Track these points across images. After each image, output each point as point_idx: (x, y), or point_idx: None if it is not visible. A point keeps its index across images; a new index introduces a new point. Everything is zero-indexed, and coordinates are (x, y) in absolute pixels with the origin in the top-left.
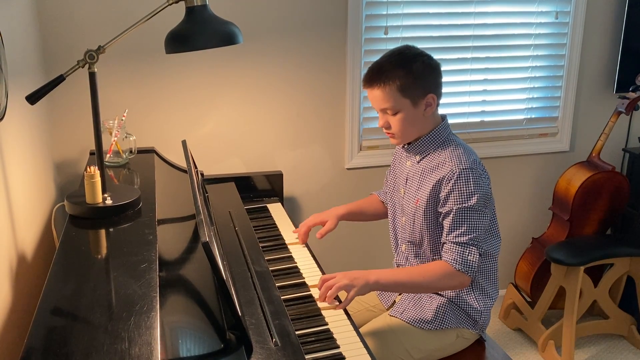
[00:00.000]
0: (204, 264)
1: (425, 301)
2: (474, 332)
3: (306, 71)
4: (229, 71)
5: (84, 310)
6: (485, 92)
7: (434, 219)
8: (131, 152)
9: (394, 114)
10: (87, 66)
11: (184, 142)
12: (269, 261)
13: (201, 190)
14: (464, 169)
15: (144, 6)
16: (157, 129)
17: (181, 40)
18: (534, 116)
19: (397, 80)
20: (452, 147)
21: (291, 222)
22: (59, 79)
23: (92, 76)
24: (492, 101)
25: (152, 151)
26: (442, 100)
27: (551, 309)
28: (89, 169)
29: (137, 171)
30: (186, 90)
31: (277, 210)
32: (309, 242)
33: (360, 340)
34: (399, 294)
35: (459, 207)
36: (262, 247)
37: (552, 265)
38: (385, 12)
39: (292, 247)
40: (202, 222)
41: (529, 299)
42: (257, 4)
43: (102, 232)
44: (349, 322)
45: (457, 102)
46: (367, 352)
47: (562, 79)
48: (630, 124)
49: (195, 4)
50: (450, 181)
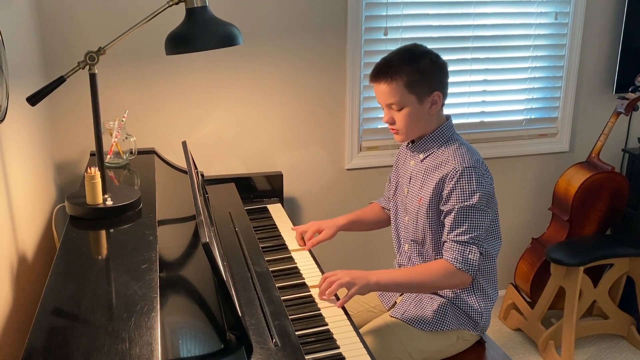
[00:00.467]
0: (204, 264)
1: (426, 302)
2: (475, 333)
3: (306, 72)
4: (229, 72)
5: (84, 310)
6: (485, 92)
7: (437, 217)
8: (131, 153)
9: (399, 110)
10: (87, 67)
11: (184, 143)
12: (269, 262)
13: (201, 190)
14: (466, 167)
15: (144, 7)
16: (157, 129)
17: (181, 41)
18: (533, 117)
19: (405, 75)
20: (455, 146)
21: (291, 223)
22: (60, 80)
23: (93, 77)
24: (491, 102)
25: (152, 152)
26: None
27: (551, 309)
28: (89, 169)
29: (138, 172)
30: (186, 91)
31: (277, 210)
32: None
33: (360, 340)
34: (400, 295)
35: (460, 205)
36: (262, 247)
37: (552, 265)
38: (385, 13)
39: (292, 247)
40: (203, 222)
41: (529, 299)
42: (257, 5)
43: (103, 232)
44: (348, 322)
45: (457, 103)
46: (367, 353)
47: (561, 79)
48: (629, 124)
49: (195, 5)
50: (452, 179)
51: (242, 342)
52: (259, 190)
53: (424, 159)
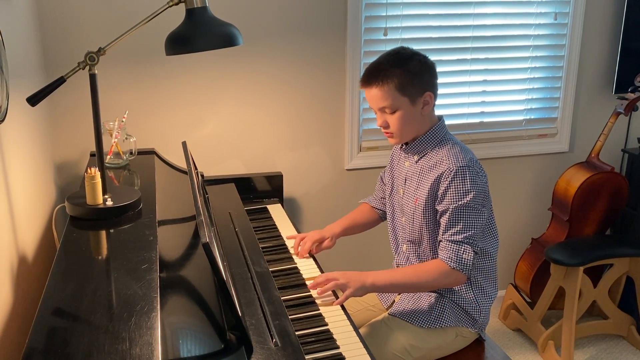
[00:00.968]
0: (205, 264)
1: (424, 300)
2: (473, 331)
3: (306, 72)
4: (229, 73)
5: (84, 310)
6: (484, 93)
7: (433, 217)
8: (131, 153)
9: (392, 113)
10: (87, 68)
11: (184, 144)
12: (269, 262)
13: (201, 191)
14: (460, 166)
15: (144, 8)
16: (157, 130)
17: (181, 41)
18: (533, 117)
19: (395, 78)
20: (449, 146)
21: (291, 223)
22: (60, 81)
23: (93, 78)
24: (491, 102)
25: (152, 152)
26: (442, 101)
27: (551, 310)
28: (89, 170)
29: (138, 172)
30: (186, 91)
31: (277, 211)
32: None
33: (360, 340)
34: (399, 294)
35: (455, 205)
36: (262, 247)
37: (552, 265)
38: (384, 14)
39: (292, 249)
40: (203, 222)
41: (529, 300)
42: (257, 6)
43: (103, 233)
44: (348, 322)
45: (457, 103)
46: (366, 352)
47: (561, 79)
48: (629, 124)
49: (195, 6)
50: (447, 178)
51: (242, 342)
52: (258, 190)
53: (419, 160)
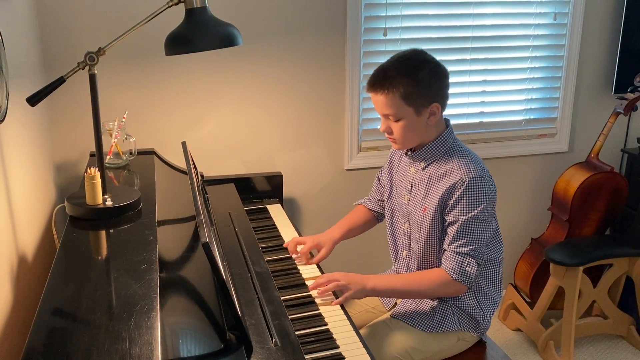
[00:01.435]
0: (204, 264)
1: (426, 303)
2: (475, 334)
3: (305, 72)
4: (229, 73)
5: (84, 310)
6: (484, 93)
7: (440, 227)
8: (131, 153)
9: (397, 121)
10: (87, 68)
11: (184, 144)
12: (268, 262)
13: (201, 191)
14: (473, 177)
15: (144, 8)
16: (157, 130)
17: (181, 42)
18: (532, 117)
19: (402, 87)
20: (459, 155)
21: (291, 223)
22: (59, 81)
23: (92, 78)
24: (491, 102)
25: (152, 152)
26: None
27: (550, 310)
28: (89, 170)
29: (137, 172)
30: (186, 91)
31: (276, 211)
32: None
33: (359, 340)
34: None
35: (465, 217)
36: (262, 248)
37: (551, 265)
38: (384, 14)
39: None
40: (202, 222)
41: (529, 300)
42: (256, 6)
43: (103, 233)
44: (348, 322)
45: (456, 103)
46: (366, 352)
47: (560, 79)
48: (628, 124)
49: (195, 6)
50: (459, 190)
51: (242, 341)
52: (258, 190)
53: (426, 167)
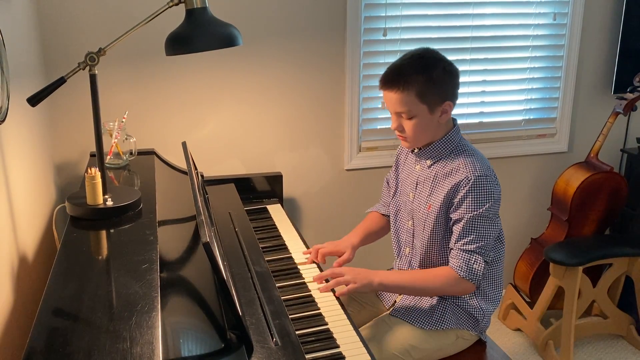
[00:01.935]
0: (205, 264)
1: (426, 302)
2: (474, 333)
3: (305, 73)
4: (229, 73)
5: (85, 310)
6: (483, 93)
7: (445, 225)
8: (131, 153)
9: (409, 119)
10: (87, 68)
11: (184, 144)
12: (268, 262)
13: (201, 191)
14: (479, 176)
15: (144, 8)
16: (157, 130)
17: (181, 42)
18: (532, 117)
19: (417, 85)
20: (465, 154)
21: (291, 223)
22: (60, 81)
23: (93, 78)
24: (490, 102)
25: (152, 153)
26: None
27: (550, 309)
28: (89, 170)
29: (138, 172)
30: (186, 92)
31: (276, 211)
32: (308, 243)
33: (360, 339)
34: (400, 294)
35: (471, 214)
36: (262, 247)
37: (551, 265)
38: (384, 14)
39: (291, 247)
40: (203, 222)
41: (528, 299)
42: (256, 6)
43: (103, 233)
44: (348, 322)
45: (456, 103)
46: (366, 352)
47: (560, 80)
48: (628, 124)
49: (195, 7)
50: (465, 187)
51: (242, 341)
52: (258, 190)
53: (432, 165)
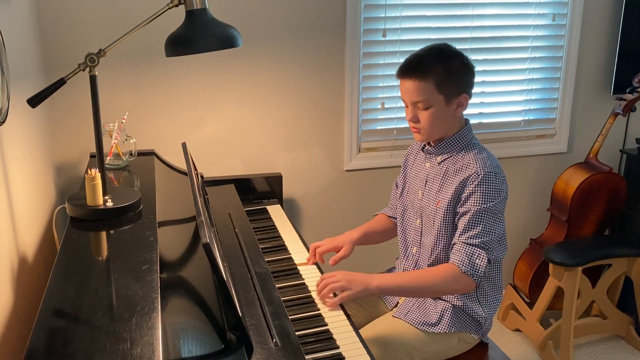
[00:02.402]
0: (205, 265)
1: (429, 304)
2: (476, 336)
3: (305, 73)
4: (229, 74)
5: (85, 311)
6: (483, 93)
7: (452, 221)
8: (131, 154)
9: (425, 109)
10: (87, 69)
11: (184, 145)
12: (268, 262)
13: (201, 192)
14: (488, 172)
15: (144, 9)
16: (157, 131)
17: (181, 43)
18: (531, 118)
19: (435, 75)
20: (476, 151)
21: (290, 224)
22: (60, 82)
23: (93, 79)
24: (490, 103)
25: (152, 153)
26: None
27: (549, 310)
28: (89, 171)
29: (138, 173)
30: (186, 93)
31: (276, 211)
32: (308, 244)
33: (359, 340)
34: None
35: (477, 207)
36: (262, 248)
37: (551, 265)
38: (383, 15)
39: (291, 248)
40: (203, 223)
41: (528, 300)
42: (256, 8)
43: (103, 234)
44: (348, 322)
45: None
46: (366, 353)
47: (559, 80)
48: (627, 125)
49: (195, 8)
50: (473, 182)
51: (242, 342)
52: (258, 191)
53: (442, 161)
